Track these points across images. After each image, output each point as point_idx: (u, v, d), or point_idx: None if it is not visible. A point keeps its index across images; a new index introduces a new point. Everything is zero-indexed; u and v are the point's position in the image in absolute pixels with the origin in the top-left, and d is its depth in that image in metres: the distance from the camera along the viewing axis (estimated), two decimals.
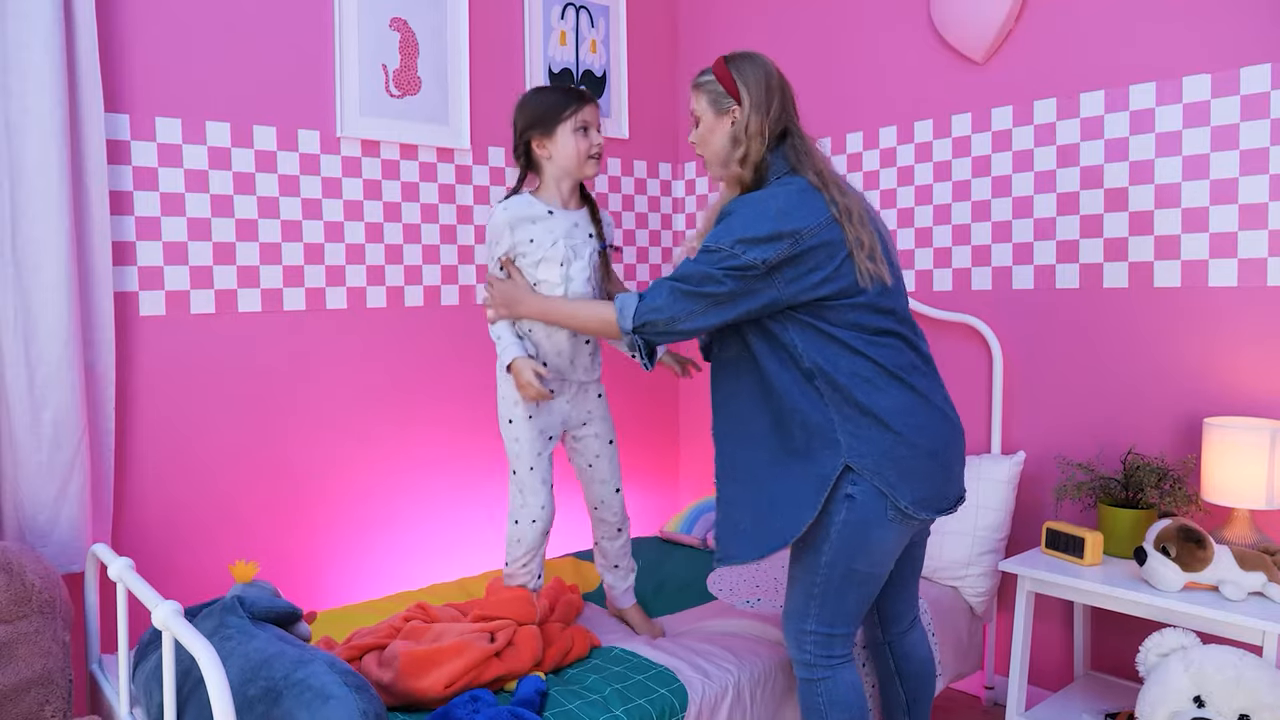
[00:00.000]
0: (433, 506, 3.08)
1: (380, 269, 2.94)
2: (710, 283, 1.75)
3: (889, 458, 1.80)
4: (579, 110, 2.11)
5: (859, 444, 1.80)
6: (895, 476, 1.80)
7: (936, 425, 1.86)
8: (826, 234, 1.77)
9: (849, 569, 1.87)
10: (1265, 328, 2.32)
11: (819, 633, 1.94)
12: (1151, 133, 2.46)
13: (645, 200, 3.64)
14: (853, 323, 1.80)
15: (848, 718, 1.96)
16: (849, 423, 1.80)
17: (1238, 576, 2.11)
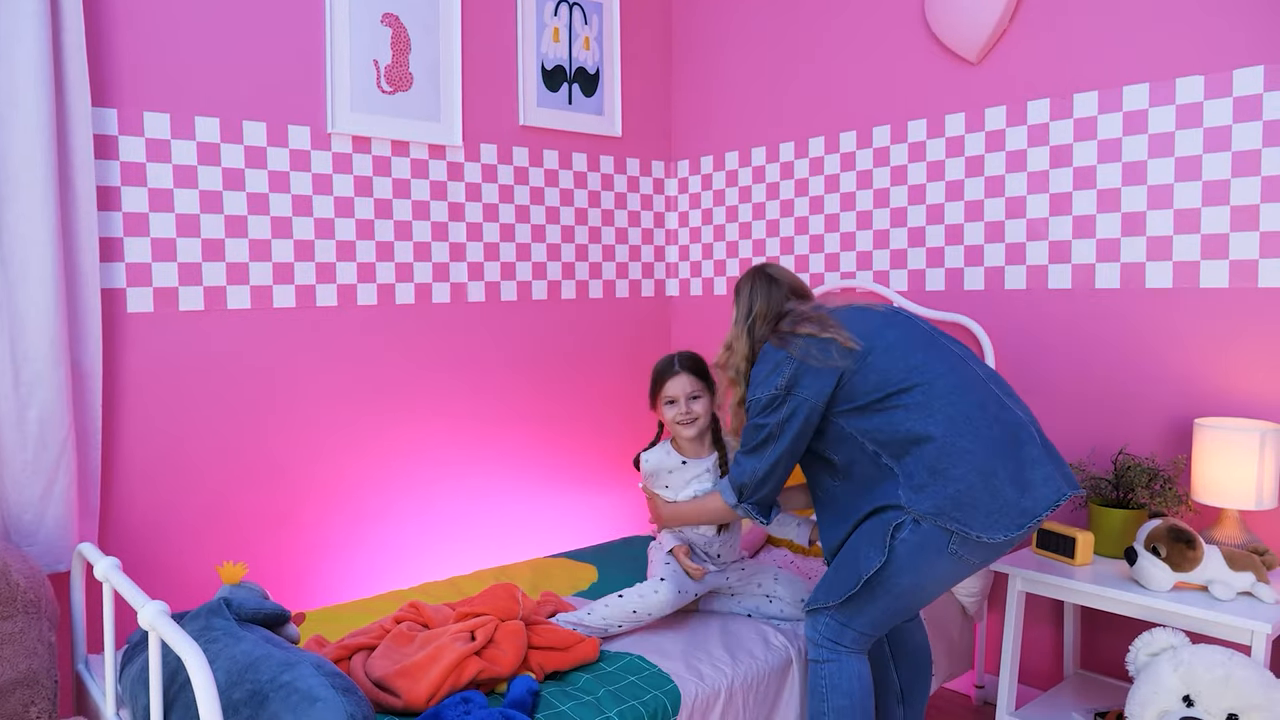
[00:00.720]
0: (424, 504, 3.07)
1: (371, 266, 2.92)
2: (757, 431, 2.07)
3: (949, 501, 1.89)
4: (662, 387, 2.37)
5: (916, 496, 1.92)
6: (960, 514, 1.89)
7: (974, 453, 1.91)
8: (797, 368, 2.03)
9: (888, 578, 1.96)
10: (1256, 329, 2.32)
11: (835, 622, 2.05)
12: (1144, 134, 2.46)
13: (638, 199, 3.63)
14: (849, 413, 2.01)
15: (847, 704, 2.04)
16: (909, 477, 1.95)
17: (1227, 576, 2.11)
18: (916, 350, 1.99)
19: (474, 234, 3.15)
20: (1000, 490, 1.88)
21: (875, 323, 2.04)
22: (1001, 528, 1.88)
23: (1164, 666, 1.92)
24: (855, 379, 1.97)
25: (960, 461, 1.89)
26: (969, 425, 1.92)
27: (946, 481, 1.89)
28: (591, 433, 3.54)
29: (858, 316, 2.06)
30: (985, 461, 1.89)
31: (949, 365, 1.98)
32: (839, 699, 2.05)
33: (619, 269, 3.58)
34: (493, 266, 3.21)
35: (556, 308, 3.40)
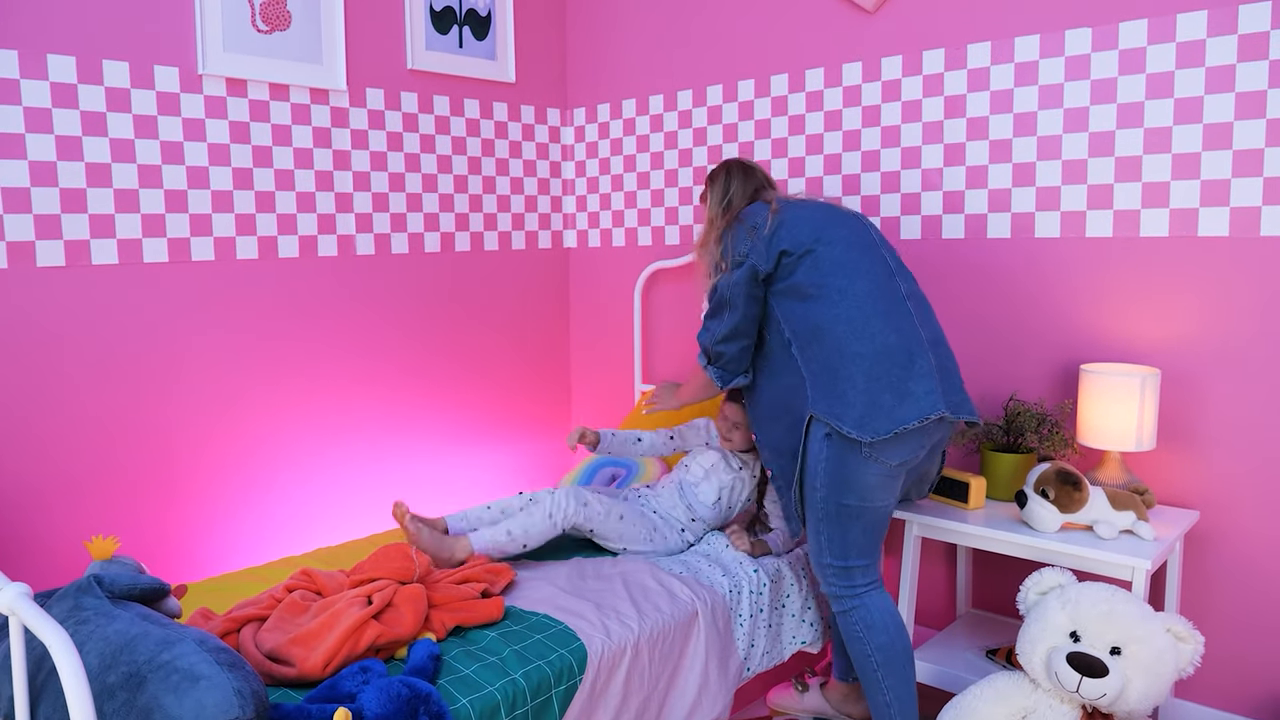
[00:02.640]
0: (316, 468, 2.95)
1: (250, 218, 2.76)
2: (714, 293, 2.25)
3: (831, 396, 2.09)
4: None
5: (818, 395, 2.12)
6: (838, 410, 2.07)
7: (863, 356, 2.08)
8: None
9: (840, 504, 2.13)
10: (1139, 277, 2.40)
11: (835, 566, 2.18)
12: (1035, 85, 2.50)
13: (533, 147, 3.53)
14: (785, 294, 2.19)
15: (886, 639, 2.17)
16: (813, 374, 2.13)
17: (1110, 516, 2.20)
18: (853, 250, 2.16)
19: (361, 184, 3.01)
20: (878, 395, 2.05)
21: (830, 218, 2.21)
22: (870, 429, 2.03)
23: (1052, 604, 1.98)
24: (797, 262, 2.15)
25: (849, 362, 2.07)
26: (866, 329, 2.08)
27: (835, 379, 2.08)
28: (488, 389, 3.46)
29: (819, 211, 2.23)
30: (871, 366, 2.06)
31: (873, 274, 2.15)
32: (879, 637, 2.17)
33: (514, 220, 3.49)
34: (382, 218, 3.08)
35: (450, 260, 3.29)
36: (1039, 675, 1.96)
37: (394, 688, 1.52)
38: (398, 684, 1.53)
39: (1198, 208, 2.29)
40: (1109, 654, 1.89)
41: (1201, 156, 2.27)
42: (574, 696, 1.87)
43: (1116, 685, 1.86)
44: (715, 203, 2.33)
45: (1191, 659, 2.01)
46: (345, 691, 1.56)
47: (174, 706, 1.29)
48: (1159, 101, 2.32)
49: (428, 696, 1.54)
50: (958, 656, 2.46)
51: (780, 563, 2.49)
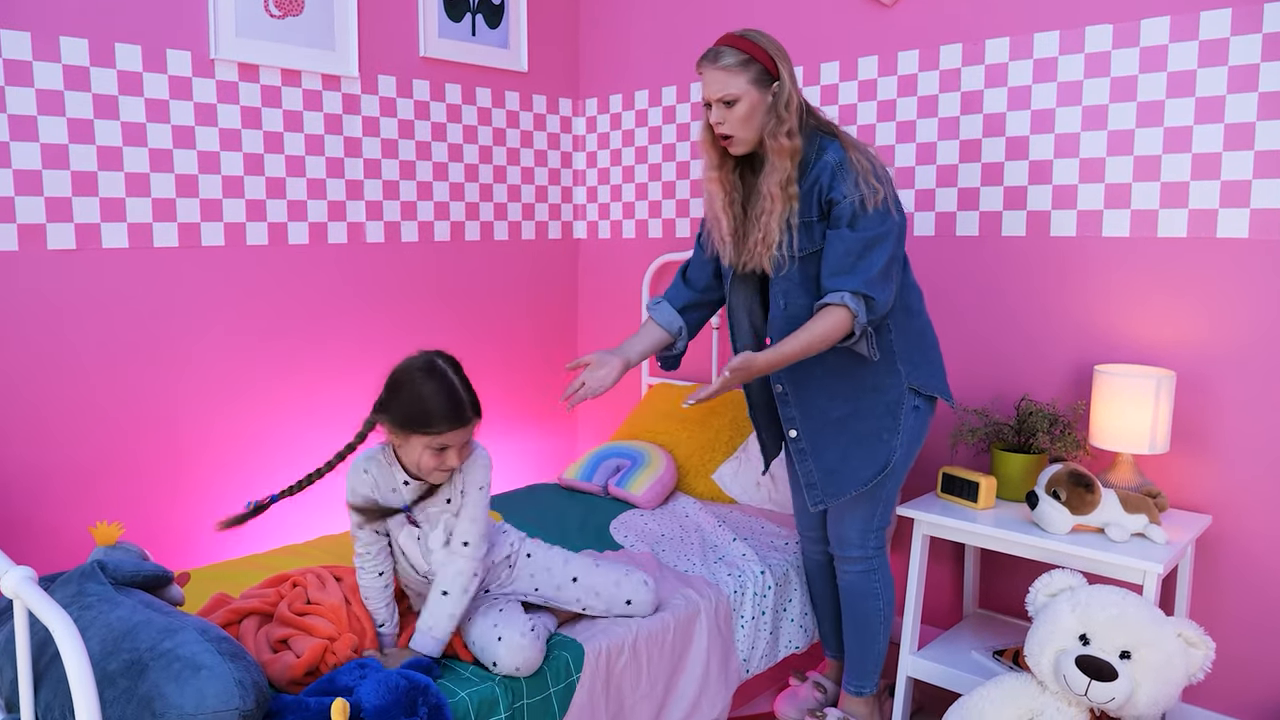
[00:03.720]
0: (320, 456, 2.94)
1: (261, 204, 2.75)
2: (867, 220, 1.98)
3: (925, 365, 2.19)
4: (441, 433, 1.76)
5: (913, 368, 2.17)
6: (934, 379, 2.22)
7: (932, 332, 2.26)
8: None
9: (908, 470, 2.31)
10: (1155, 278, 2.37)
11: (881, 528, 2.28)
12: (1054, 81, 2.47)
13: (545, 137, 3.51)
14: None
15: (893, 594, 2.36)
16: (906, 348, 2.16)
17: (1122, 519, 2.18)
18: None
19: (372, 171, 3.00)
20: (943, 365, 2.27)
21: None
22: (951, 397, 2.26)
23: (1062, 606, 1.96)
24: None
25: (931, 331, 2.22)
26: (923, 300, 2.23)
27: (926, 349, 2.19)
28: (496, 378, 3.45)
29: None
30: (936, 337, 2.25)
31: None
32: (890, 593, 2.34)
33: (525, 210, 3.47)
34: (392, 206, 3.06)
35: (460, 249, 3.28)
36: (1047, 677, 1.94)
37: (392, 680, 1.51)
38: (396, 676, 1.52)
39: (1217, 208, 2.26)
40: (1118, 658, 1.87)
41: (1222, 157, 2.24)
42: (573, 695, 1.86)
43: (1125, 689, 1.84)
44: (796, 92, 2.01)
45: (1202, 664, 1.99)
46: (343, 685, 1.55)
47: (175, 695, 1.28)
48: (1180, 100, 2.28)
49: (426, 688, 1.53)
50: (964, 657, 2.44)
51: (788, 565, 2.47)
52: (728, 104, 1.99)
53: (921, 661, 2.40)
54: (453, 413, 1.73)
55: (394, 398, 1.76)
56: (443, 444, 1.74)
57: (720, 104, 2.00)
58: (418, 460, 1.75)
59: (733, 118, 2.00)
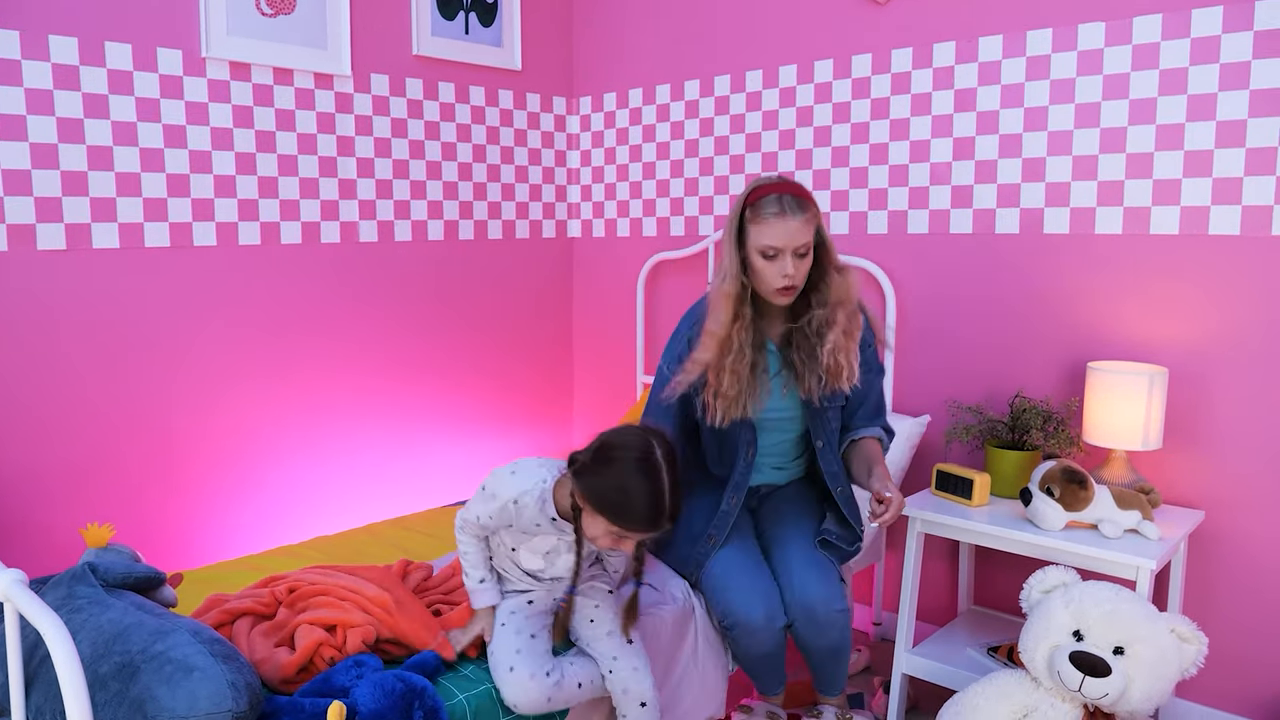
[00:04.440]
0: (316, 456, 2.94)
1: (253, 203, 2.74)
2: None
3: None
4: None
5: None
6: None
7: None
8: None
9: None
10: (1147, 275, 2.37)
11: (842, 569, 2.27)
12: (1047, 79, 2.47)
13: (539, 135, 3.50)
14: None
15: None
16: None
17: (1115, 515, 2.18)
18: None
19: (365, 170, 2.99)
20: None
21: None
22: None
23: (1056, 603, 1.97)
24: None
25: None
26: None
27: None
28: (490, 378, 3.45)
29: None
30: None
31: None
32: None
33: (519, 209, 3.46)
34: (385, 205, 3.06)
35: (453, 249, 3.27)
36: (1041, 674, 1.94)
37: (388, 682, 1.50)
38: (392, 679, 1.52)
39: (1209, 205, 2.26)
40: (1112, 654, 1.87)
41: (1214, 154, 2.24)
42: None
43: (1119, 685, 1.84)
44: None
45: (1195, 660, 1.99)
46: (339, 685, 1.55)
47: (167, 698, 1.28)
48: (1171, 98, 2.29)
49: (423, 691, 1.52)
50: (959, 653, 2.44)
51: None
52: (801, 255, 2.00)
53: (916, 658, 2.41)
54: (652, 520, 1.67)
55: (598, 475, 1.68)
56: (628, 537, 1.72)
57: (795, 256, 1.99)
58: (595, 535, 1.72)
59: (804, 269, 2.01)
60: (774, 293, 2.02)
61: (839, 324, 2.05)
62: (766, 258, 1.98)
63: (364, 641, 1.71)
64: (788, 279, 1.98)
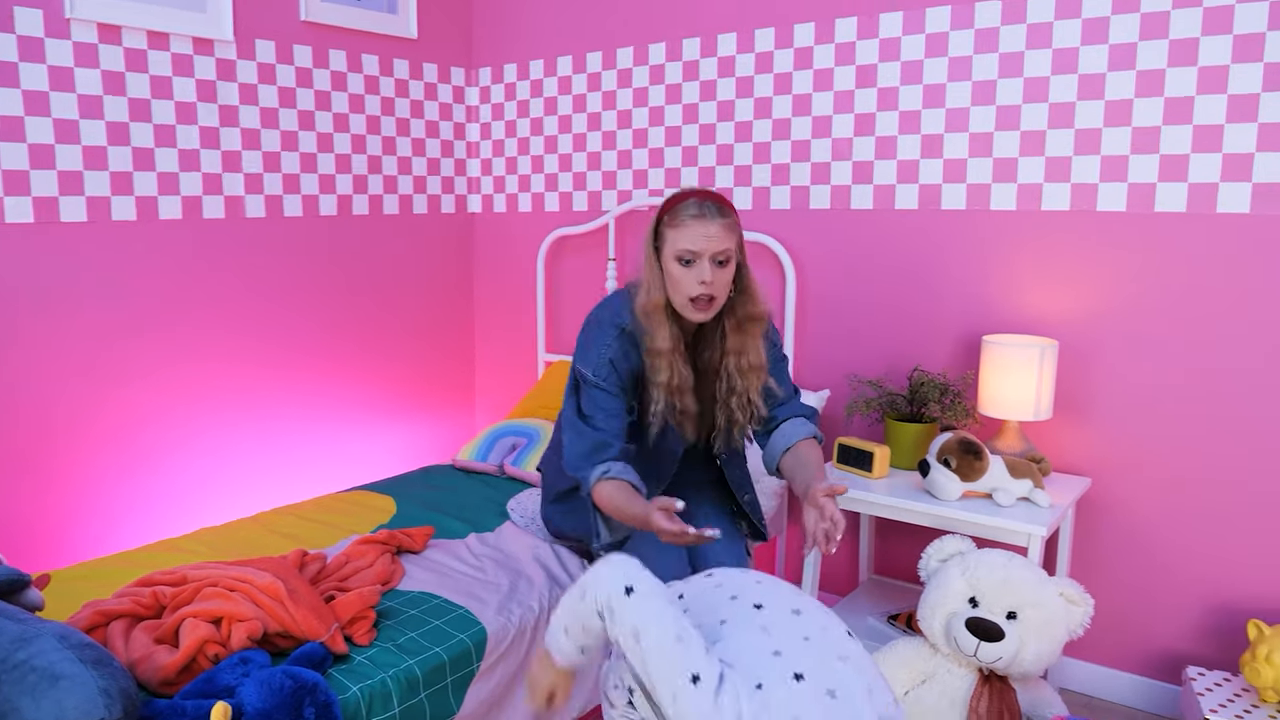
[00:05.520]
0: (202, 444, 2.80)
1: (127, 176, 2.58)
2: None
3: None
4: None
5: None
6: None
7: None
8: None
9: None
10: (1039, 250, 2.43)
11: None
12: (945, 56, 2.49)
13: (436, 107, 3.39)
14: None
15: None
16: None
17: (1008, 484, 2.24)
18: None
19: (250, 141, 2.84)
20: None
21: None
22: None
23: (953, 571, 2.01)
24: None
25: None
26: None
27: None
28: (388, 358, 3.34)
29: None
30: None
31: None
32: None
33: (416, 183, 3.36)
34: (273, 179, 2.92)
35: (348, 224, 3.15)
36: (939, 640, 1.99)
37: (276, 679, 1.43)
38: (280, 675, 1.45)
39: (1097, 183, 2.33)
40: (1005, 618, 1.92)
41: (1103, 132, 2.30)
42: (471, 682, 1.81)
43: (1012, 649, 1.89)
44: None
45: (1082, 621, 2.06)
46: (224, 685, 1.47)
47: (30, 710, 1.18)
48: (1063, 77, 2.34)
49: (314, 686, 1.46)
50: (860, 622, 2.48)
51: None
52: (722, 263, 1.87)
53: None
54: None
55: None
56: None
57: (713, 263, 1.85)
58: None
59: (723, 279, 1.88)
60: (688, 305, 1.88)
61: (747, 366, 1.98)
62: (683, 264, 1.85)
63: (250, 636, 1.62)
64: (704, 287, 1.84)
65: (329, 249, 3.10)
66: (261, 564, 1.90)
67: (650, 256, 1.92)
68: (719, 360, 2.00)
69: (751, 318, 1.96)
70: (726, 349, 1.98)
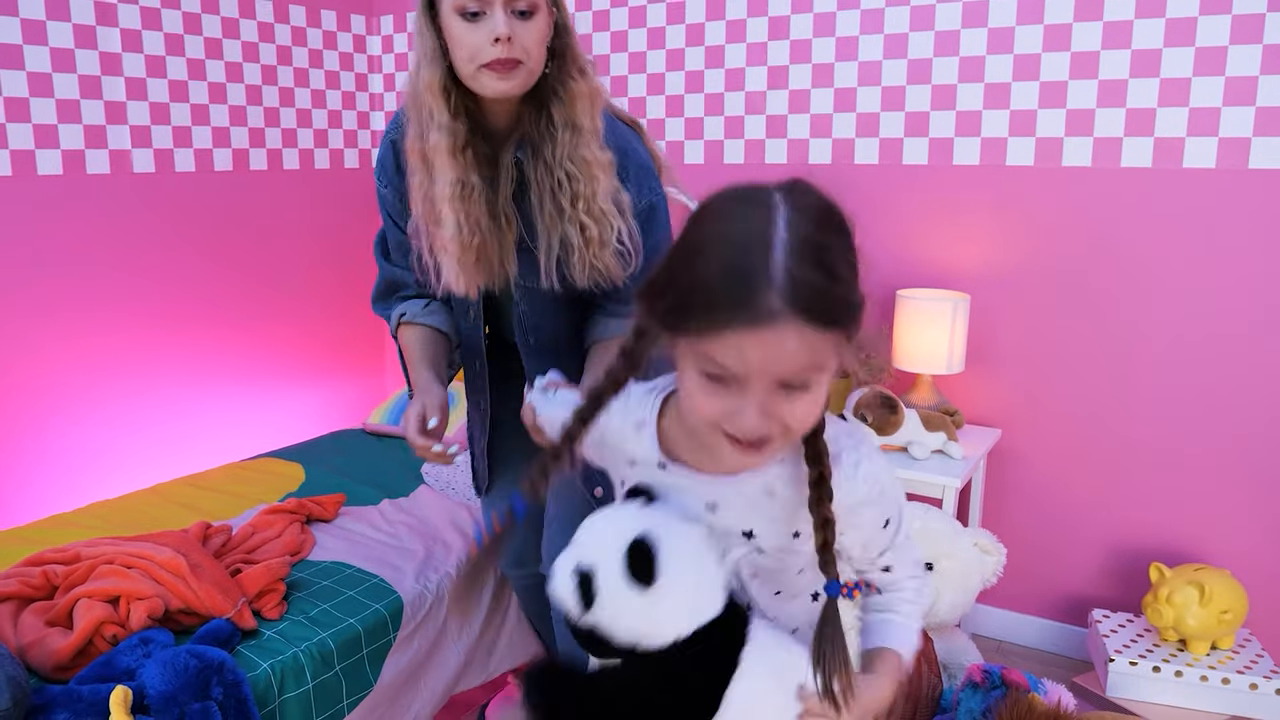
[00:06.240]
0: (96, 414, 2.65)
1: (0, 128, 2.39)
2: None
3: None
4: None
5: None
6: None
7: None
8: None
9: None
10: (951, 204, 2.46)
11: None
12: (857, 9, 2.48)
13: (336, 57, 3.24)
14: None
15: None
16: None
17: (923, 437, 2.27)
18: None
19: (136, 91, 2.66)
20: None
21: None
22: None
23: None
24: None
25: None
26: None
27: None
28: (293, 320, 3.21)
29: None
30: None
31: None
32: None
33: (317, 136, 3.21)
34: (162, 131, 2.74)
35: (244, 180, 2.99)
36: None
37: (180, 659, 1.36)
38: (184, 655, 1.38)
39: (1006, 137, 2.35)
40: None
41: (1011, 87, 2.33)
42: (389, 653, 1.76)
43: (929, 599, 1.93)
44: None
45: (995, 570, 2.12)
46: (123, 668, 1.39)
47: None
48: (973, 30, 2.34)
49: (220, 665, 1.39)
50: None
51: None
52: (524, 13, 1.33)
53: None
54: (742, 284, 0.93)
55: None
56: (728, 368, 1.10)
57: (511, 12, 1.32)
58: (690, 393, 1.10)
59: (530, 35, 1.34)
60: (483, 73, 1.33)
61: (586, 159, 1.40)
62: (467, 17, 1.32)
63: (150, 615, 1.54)
64: (502, 46, 1.31)
65: (226, 206, 2.94)
66: (161, 538, 1.80)
67: (423, 19, 1.37)
68: (541, 159, 1.41)
69: (580, 95, 1.40)
70: (552, 140, 1.40)
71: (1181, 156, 2.18)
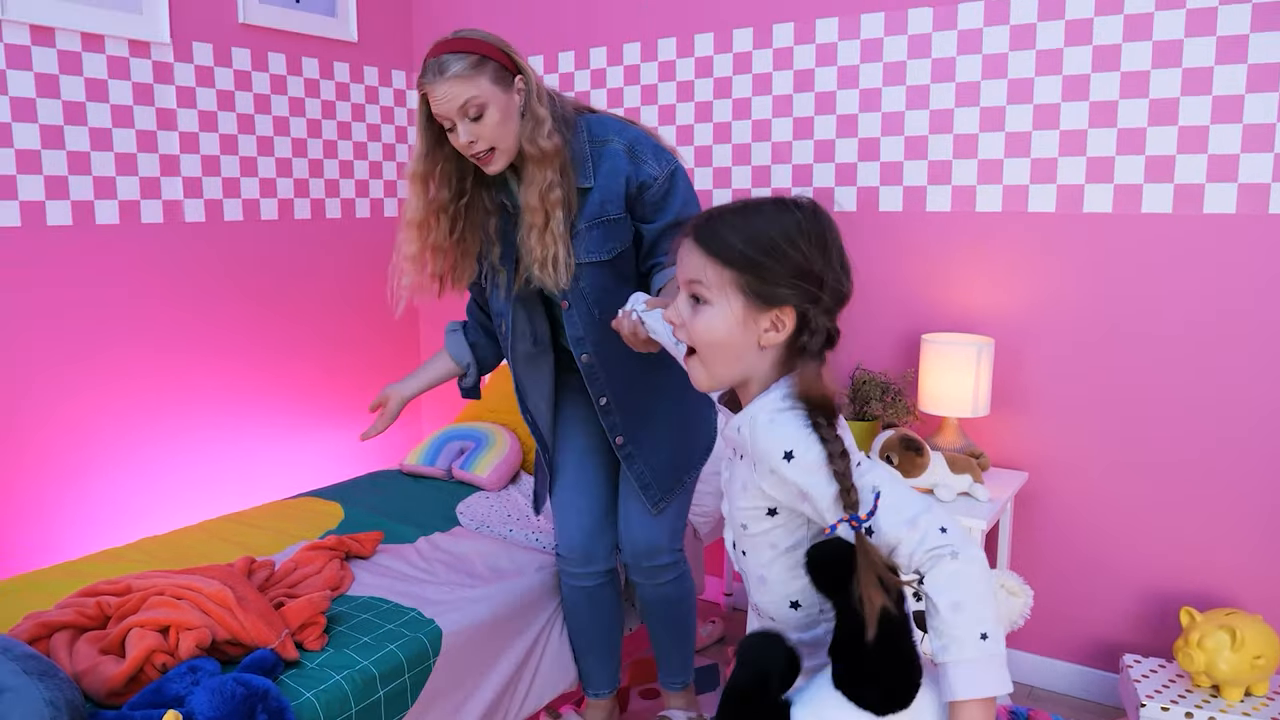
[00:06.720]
0: (143, 452, 2.75)
1: (62, 180, 2.52)
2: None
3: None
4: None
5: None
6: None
7: None
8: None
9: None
10: (974, 250, 2.50)
11: (679, 524, 2.11)
12: (880, 62, 2.56)
13: (378, 110, 3.37)
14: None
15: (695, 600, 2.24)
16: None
17: (949, 480, 2.30)
18: None
19: (189, 145, 2.80)
20: None
21: None
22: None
23: None
24: None
25: None
26: None
27: None
28: (332, 363, 3.31)
29: None
30: None
31: None
32: (694, 599, 2.19)
33: (358, 187, 3.33)
34: (213, 183, 2.87)
35: (289, 229, 3.12)
36: None
37: (227, 687, 1.42)
38: (231, 682, 1.44)
39: (1028, 184, 2.41)
40: None
41: (1032, 135, 2.38)
42: (428, 678, 1.81)
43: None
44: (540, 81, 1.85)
45: (1022, 611, 2.13)
46: (173, 694, 1.45)
47: None
48: (993, 82, 2.41)
49: (265, 693, 1.45)
50: None
51: None
52: (475, 117, 1.70)
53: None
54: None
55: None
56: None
57: (465, 119, 1.70)
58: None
59: (487, 129, 1.71)
60: (476, 160, 1.76)
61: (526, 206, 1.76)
62: (447, 129, 1.74)
63: (198, 645, 1.61)
64: (471, 147, 1.71)
65: (271, 254, 3.06)
66: (208, 572, 1.88)
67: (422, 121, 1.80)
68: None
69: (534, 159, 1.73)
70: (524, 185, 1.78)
71: (1202, 202, 2.22)
